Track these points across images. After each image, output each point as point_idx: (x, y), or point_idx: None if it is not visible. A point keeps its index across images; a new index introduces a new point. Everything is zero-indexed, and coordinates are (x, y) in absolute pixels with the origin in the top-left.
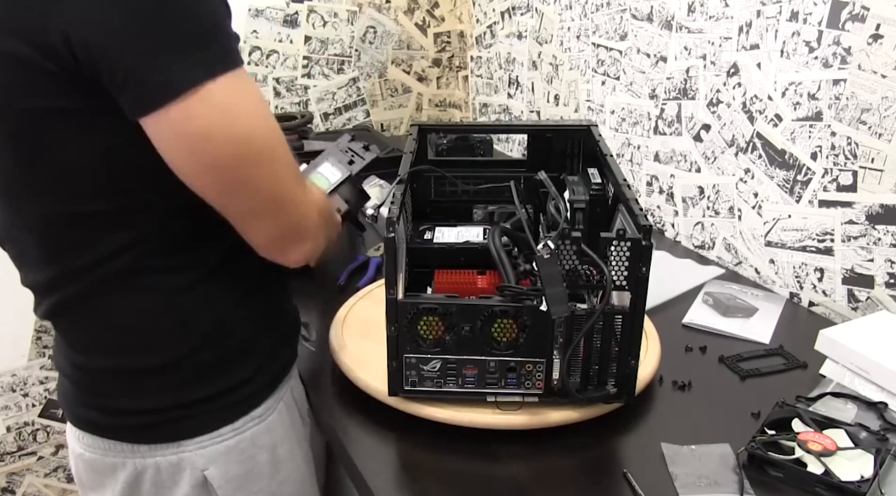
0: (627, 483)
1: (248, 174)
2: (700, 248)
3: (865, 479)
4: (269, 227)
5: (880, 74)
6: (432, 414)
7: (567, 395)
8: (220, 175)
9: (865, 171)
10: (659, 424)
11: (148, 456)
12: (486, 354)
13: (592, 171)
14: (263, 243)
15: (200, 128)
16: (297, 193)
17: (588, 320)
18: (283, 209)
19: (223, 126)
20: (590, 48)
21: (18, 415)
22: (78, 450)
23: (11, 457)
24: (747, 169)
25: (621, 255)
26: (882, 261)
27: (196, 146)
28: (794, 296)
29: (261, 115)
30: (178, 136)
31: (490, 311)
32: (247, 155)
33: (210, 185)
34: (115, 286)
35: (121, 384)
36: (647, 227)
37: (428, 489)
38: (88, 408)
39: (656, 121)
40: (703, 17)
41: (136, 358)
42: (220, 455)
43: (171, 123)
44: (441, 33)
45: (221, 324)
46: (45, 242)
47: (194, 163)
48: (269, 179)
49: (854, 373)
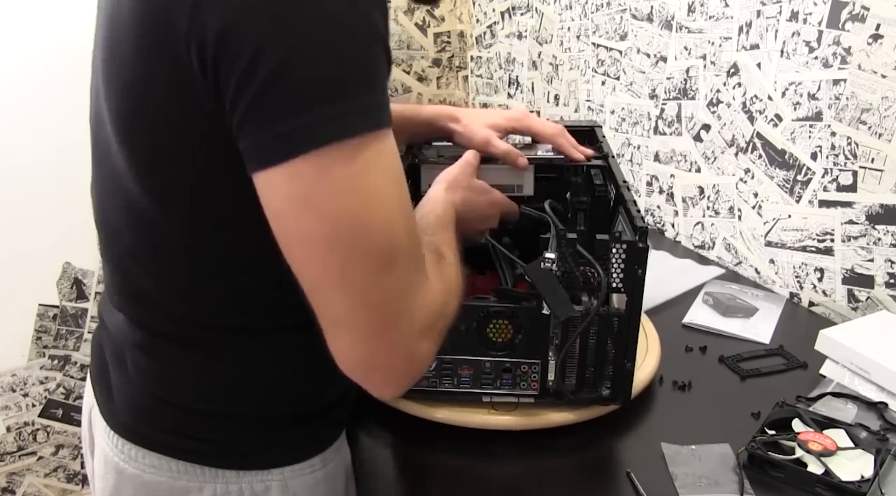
0: (631, 483)
1: (355, 276)
2: (700, 248)
3: (866, 479)
4: (360, 345)
5: (880, 74)
6: (431, 414)
7: (562, 397)
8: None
9: (865, 170)
10: (659, 424)
11: (233, 481)
12: (482, 355)
13: (595, 172)
14: (348, 363)
15: (314, 198)
16: (417, 311)
17: (583, 322)
18: (386, 331)
19: (343, 204)
20: (590, 48)
21: (18, 416)
22: (130, 470)
23: (11, 457)
24: (747, 169)
25: (617, 258)
26: (882, 261)
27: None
28: (794, 296)
29: (394, 201)
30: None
31: (486, 312)
32: (363, 250)
33: (302, 266)
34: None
35: (219, 422)
36: (642, 228)
37: (429, 490)
38: (167, 433)
39: (656, 121)
40: (703, 17)
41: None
42: (309, 486)
43: (286, 182)
44: (441, 33)
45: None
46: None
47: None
48: (381, 288)
49: (854, 373)
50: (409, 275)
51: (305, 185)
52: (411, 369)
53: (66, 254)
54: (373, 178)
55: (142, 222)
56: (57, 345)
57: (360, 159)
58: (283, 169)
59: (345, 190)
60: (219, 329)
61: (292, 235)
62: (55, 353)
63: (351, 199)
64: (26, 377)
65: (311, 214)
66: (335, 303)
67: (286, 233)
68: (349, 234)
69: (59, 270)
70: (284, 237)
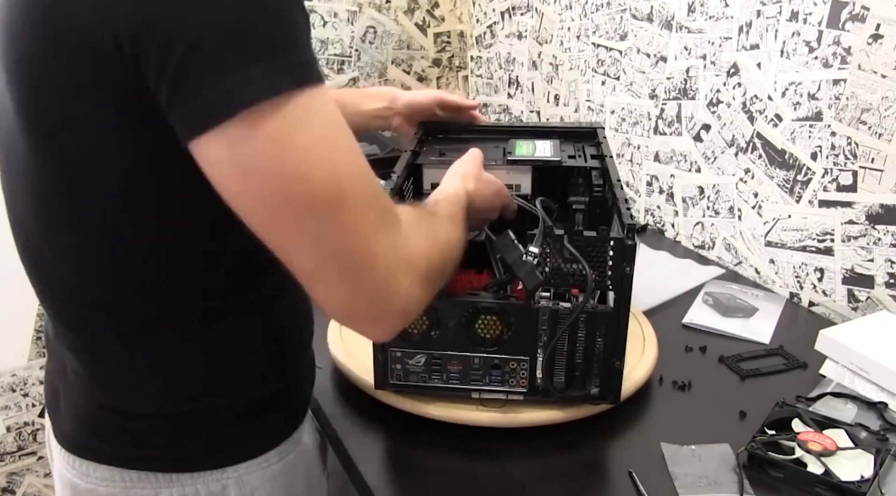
0: (633, 483)
1: (310, 227)
2: (700, 248)
3: (866, 479)
4: (337, 293)
5: (880, 74)
6: (424, 411)
7: (549, 395)
8: (274, 220)
9: (865, 170)
10: (659, 424)
11: (188, 484)
12: (471, 351)
13: (595, 173)
14: (334, 312)
15: (252, 158)
16: (384, 251)
17: (570, 317)
18: (358, 274)
19: (280, 159)
20: (590, 48)
21: (18, 415)
22: (83, 485)
23: (11, 457)
24: (747, 169)
25: (604, 254)
26: (882, 261)
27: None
28: (794, 296)
29: (338, 148)
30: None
31: (475, 307)
32: (310, 201)
33: (262, 228)
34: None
35: (163, 426)
36: (630, 225)
37: (428, 488)
38: (115, 444)
39: (656, 121)
40: (703, 17)
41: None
42: (266, 481)
43: (223, 147)
44: (441, 33)
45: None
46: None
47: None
48: (338, 234)
49: (854, 373)
50: (366, 217)
51: (240, 148)
52: (396, 310)
53: None
54: (307, 132)
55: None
56: None
57: (290, 115)
58: (215, 134)
59: (280, 146)
60: (151, 321)
61: (242, 198)
62: None
63: (287, 153)
64: (26, 377)
65: (252, 175)
66: (302, 257)
67: (235, 197)
68: (294, 189)
69: None
70: (235, 201)
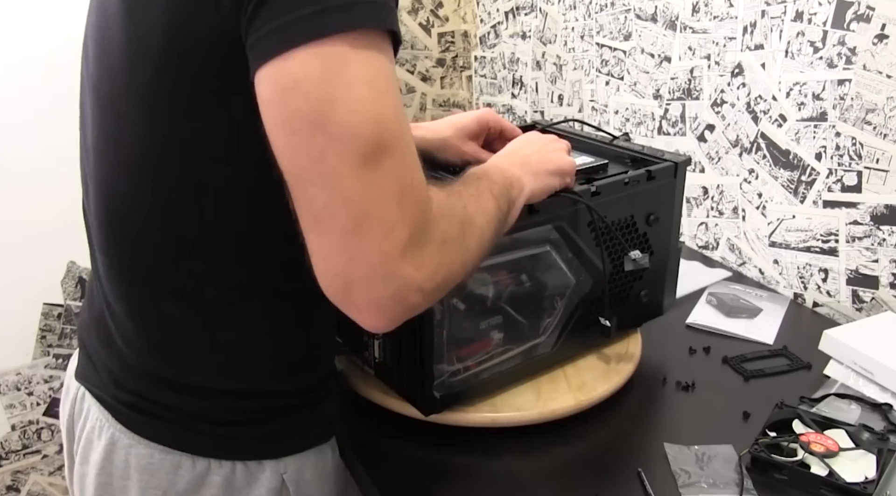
0: (640, 482)
1: (334, 162)
2: (704, 249)
3: (870, 480)
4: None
5: (885, 75)
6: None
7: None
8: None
9: (870, 171)
10: (662, 424)
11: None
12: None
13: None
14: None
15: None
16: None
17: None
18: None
19: (334, 85)
20: (594, 48)
21: (23, 414)
22: (124, 440)
23: (16, 456)
24: (751, 169)
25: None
26: (887, 262)
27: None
28: (798, 296)
29: (387, 100)
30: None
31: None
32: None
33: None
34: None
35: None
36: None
37: (430, 488)
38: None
39: (660, 121)
40: (707, 17)
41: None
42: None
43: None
44: (445, 33)
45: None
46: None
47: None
48: (360, 181)
49: (858, 374)
50: (393, 179)
51: (298, 68)
52: (393, 292)
53: (70, 254)
54: (367, 71)
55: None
56: (61, 344)
57: (358, 51)
58: (282, 58)
59: (337, 75)
60: (232, 290)
61: (278, 117)
62: (60, 352)
63: (341, 84)
64: (31, 376)
65: (298, 94)
66: (313, 197)
67: (273, 117)
68: (334, 118)
69: (63, 269)
70: (271, 121)
